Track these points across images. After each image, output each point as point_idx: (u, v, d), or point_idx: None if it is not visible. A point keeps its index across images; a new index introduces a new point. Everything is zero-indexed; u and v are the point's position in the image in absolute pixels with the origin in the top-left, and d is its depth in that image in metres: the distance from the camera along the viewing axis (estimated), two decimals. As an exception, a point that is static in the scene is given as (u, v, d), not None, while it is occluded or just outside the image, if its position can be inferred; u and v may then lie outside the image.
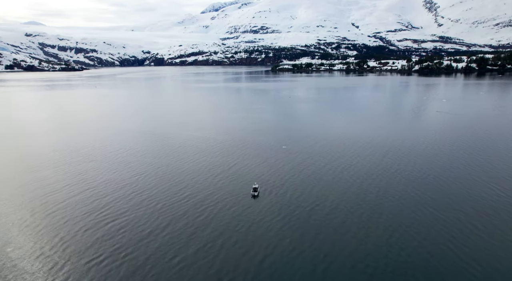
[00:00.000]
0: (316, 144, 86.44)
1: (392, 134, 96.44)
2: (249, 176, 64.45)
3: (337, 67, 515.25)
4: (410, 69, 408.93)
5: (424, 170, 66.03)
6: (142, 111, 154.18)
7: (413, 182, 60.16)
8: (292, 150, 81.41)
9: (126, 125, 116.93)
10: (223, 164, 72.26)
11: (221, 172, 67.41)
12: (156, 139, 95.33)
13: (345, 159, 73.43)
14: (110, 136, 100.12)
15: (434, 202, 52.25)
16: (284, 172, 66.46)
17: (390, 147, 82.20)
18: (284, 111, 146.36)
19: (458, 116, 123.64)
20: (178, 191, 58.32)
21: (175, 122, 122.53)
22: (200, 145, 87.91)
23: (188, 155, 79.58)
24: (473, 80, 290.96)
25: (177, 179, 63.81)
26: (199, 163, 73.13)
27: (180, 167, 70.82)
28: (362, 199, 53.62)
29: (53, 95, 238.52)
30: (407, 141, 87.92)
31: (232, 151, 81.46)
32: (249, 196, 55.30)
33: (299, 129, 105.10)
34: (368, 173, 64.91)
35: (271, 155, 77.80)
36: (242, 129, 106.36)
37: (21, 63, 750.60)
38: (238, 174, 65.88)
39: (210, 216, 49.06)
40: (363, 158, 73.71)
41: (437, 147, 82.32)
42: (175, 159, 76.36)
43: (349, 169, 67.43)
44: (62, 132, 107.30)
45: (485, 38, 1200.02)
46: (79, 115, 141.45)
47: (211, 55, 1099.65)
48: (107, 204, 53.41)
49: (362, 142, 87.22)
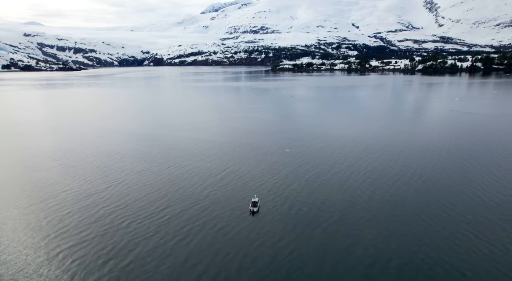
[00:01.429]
0: (325, 147, 76.86)
1: (408, 135, 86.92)
2: (248, 187, 54.84)
3: (339, 66, 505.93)
4: (414, 68, 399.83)
5: (449, 174, 56.51)
6: (132, 110, 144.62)
7: (437, 190, 50.61)
8: (297, 153, 71.83)
9: (113, 126, 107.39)
10: (217, 171, 62.55)
11: (216, 181, 57.75)
12: (141, 141, 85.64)
13: (356, 163, 63.93)
14: (91, 138, 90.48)
15: (468, 213, 42.78)
16: (288, 181, 56.88)
17: (407, 149, 72.69)
18: (286, 111, 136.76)
19: (475, 115, 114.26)
20: (160, 208, 48.69)
21: (167, 122, 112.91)
22: (193, 149, 78.21)
23: (176, 160, 69.80)
24: (481, 79, 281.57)
25: (162, 191, 54.14)
26: (189, 170, 63.44)
27: (166, 175, 61.15)
28: (378, 212, 44.10)
29: (42, 94, 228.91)
30: (424, 142, 78.42)
31: (229, 156, 71.78)
32: (247, 212, 45.73)
33: (303, 130, 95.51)
34: (386, 179, 55.39)
35: (273, 160, 68.18)
36: (241, 131, 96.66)
37: (18, 62, 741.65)
38: (235, 184, 56.26)
39: (199, 241, 39.45)
40: (377, 161, 64.20)
41: (457, 148, 72.82)
42: (162, 165, 66.61)
43: (362, 175, 57.91)
44: (48, 132, 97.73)
45: (486, 39, 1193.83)
46: (65, 113, 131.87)
47: (210, 55, 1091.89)
48: (69, 224, 43.85)
49: (374, 144, 77.70)
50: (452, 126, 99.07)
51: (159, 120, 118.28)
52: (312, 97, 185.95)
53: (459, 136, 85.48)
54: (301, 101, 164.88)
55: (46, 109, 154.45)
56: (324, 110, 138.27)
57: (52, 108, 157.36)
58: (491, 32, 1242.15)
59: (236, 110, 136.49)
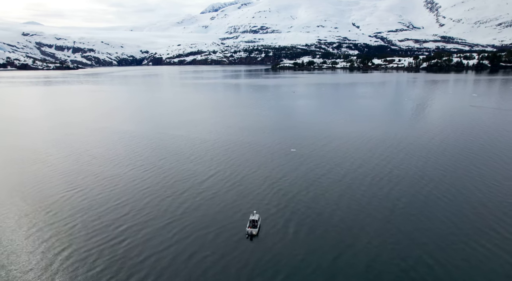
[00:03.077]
0: (338, 146, 65.02)
1: (432, 133, 75.11)
2: (247, 198, 42.85)
3: (340, 65, 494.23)
4: (418, 66, 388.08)
5: (488, 174, 44.77)
6: (125, 108, 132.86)
7: (471, 192, 38.82)
8: (304, 154, 59.96)
9: (102, 123, 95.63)
10: (209, 178, 50.62)
11: (205, 191, 45.79)
12: (125, 141, 73.83)
13: (378, 167, 52.19)
14: (78, 137, 78.73)
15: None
16: (296, 189, 44.98)
17: (432, 148, 60.96)
18: (289, 107, 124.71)
19: (498, 111, 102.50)
20: (133, 229, 36.92)
21: (160, 119, 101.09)
22: (184, 149, 66.29)
23: (158, 163, 57.96)
24: (490, 76, 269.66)
25: (136, 207, 42.36)
26: (175, 176, 51.59)
27: (149, 182, 49.35)
28: (403, 226, 32.37)
29: (31, 91, 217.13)
30: (449, 139, 66.71)
31: (224, 158, 59.84)
32: (243, 236, 33.80)
33: (309, 128, 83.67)
34: (410, 182, 43.61)
35: (277, 162, 56.28)
36: (240, 128, 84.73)
37: (14, 61, 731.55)
38: (230, 195, 44.18)
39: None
40: (397, 161, 52.48)
41: (491, 144, 61.08)
42: (146, 170, 54.82)
43: (386, 180, 46.13)
44: (40, 129, 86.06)
45: (488, 38, 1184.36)
46: (54, 110, 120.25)
47: (210, 54, 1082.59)
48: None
49: (392, 143, 65.97)
50: (479, 121, 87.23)
51: (152, 117, 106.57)
52: (315, 93, 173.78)
53: (490, 132, 73.64)
54: (304, 98, 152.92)
55: (34, 105, 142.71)
56: (330, 106, 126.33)
57: (41, 104, 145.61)
58: (492, 32, 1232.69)
59: (235, 107, 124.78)
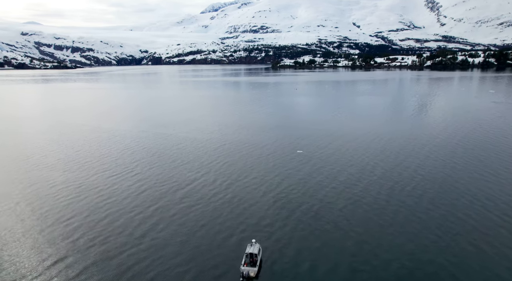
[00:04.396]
0: (352, 147, 55.68)
1: (457, 132, 65.74)
2: (242, 218, 33.28)
3: (342, 63, 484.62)
4: (422, 64, 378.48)
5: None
6: (115, 105, 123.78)
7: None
8: (312, 156, 50.42)
9: (91, 121, 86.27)
10: (197, 189, 41.12)
11: (190, 207, 36.35)
12: (112, 140, 64.36)
13: (406, 172, 42.66)
14: (72, 136, 69.41)
15: None
16: (306, 204, 35.45)
17: (457, 148, 51.57)
18: (292, 104, 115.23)
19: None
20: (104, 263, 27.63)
21: (151, 117, 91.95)
22: (168, 151, 56.91)
23: (138, 170, 48.49)
24: (498, 73, 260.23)
25: (101, 235, 32.95)
26: (158, 188, 42.13)
27: (124, 197, 39.93)
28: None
29: (22, 88, 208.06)
30: (480, 138, 57.30)
31: (218, 163, 50.51)
32: (237, 278, 24.09)
33: (315, 126, 74.56)
34: (442, 188, 34.20)
35: (282, 166, 46.72)
36: (240, 127, 75.56)
37: (11, 61, 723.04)
38: (222, 214, 34.47)
39: None
40: (419, 162, 43.06)
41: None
42: (122, 181, 45.33)
43: (408, 183, 36.65)
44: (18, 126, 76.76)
45: (489, 38, 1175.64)
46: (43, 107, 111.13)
47: (209, 54, 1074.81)
48: None
49: (412, 141, 56.59)
50: (509, 117, 77.72)
51: (148, 116, 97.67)
52: (319, 91, 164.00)
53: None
54: (308, 95, 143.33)
55: (23, 102, 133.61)
56: (335, 103, 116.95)
57: (29, 101, 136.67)
58: (494, 31, 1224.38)
59: (234, 105, 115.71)
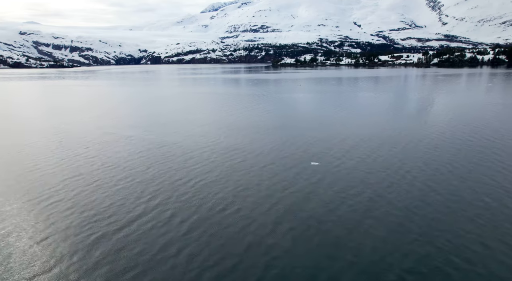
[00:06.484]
0: (382, 157, 43.74)
1: (497, 133, 53.87)
2: (253, 254, 21.30)
3: (345, 61, 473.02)
4: (428, 62, 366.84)
5: None
6: (112, 104, 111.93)
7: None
8: (330, 170, 37.48)
9: (81, 119, 74.45)
10: (193, 216, 29.28)
11: (184, 245, 24.53)
12: (106, 142, 52.50)
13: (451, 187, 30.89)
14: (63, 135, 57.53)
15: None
16: (328, 230, 23.58)
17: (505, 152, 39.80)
18: (297, 104, 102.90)
19: None
20: None
21: (146, 119, 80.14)
22: (162, 162, 44.99)
23: (129, 183, 36.59)
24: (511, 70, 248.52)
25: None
26: (136, 208, 30.27)
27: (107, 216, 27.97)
28: None
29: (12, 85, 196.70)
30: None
31: (218, 181, 38.31)
32: None
33: (329, 130, 62.18)
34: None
35: (293, 184, 33.67)
36: (241, 130, 63.32)
37: (7, 60, 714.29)
38: (217, 254, 22.75)
39: None
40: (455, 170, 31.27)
41: None
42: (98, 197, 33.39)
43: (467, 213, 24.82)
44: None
45: (492, 37, 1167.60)
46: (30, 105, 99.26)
47: (209, 53, 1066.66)
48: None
49: (442, 145, 44.82)
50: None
51: (142, 117, 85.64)
52: (324, 88, 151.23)
53: None
54: (314, 92, 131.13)
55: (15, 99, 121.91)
56: (346, 102, 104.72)
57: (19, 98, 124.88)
58: (496, 30, 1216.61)
59: (234, 104, 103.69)
